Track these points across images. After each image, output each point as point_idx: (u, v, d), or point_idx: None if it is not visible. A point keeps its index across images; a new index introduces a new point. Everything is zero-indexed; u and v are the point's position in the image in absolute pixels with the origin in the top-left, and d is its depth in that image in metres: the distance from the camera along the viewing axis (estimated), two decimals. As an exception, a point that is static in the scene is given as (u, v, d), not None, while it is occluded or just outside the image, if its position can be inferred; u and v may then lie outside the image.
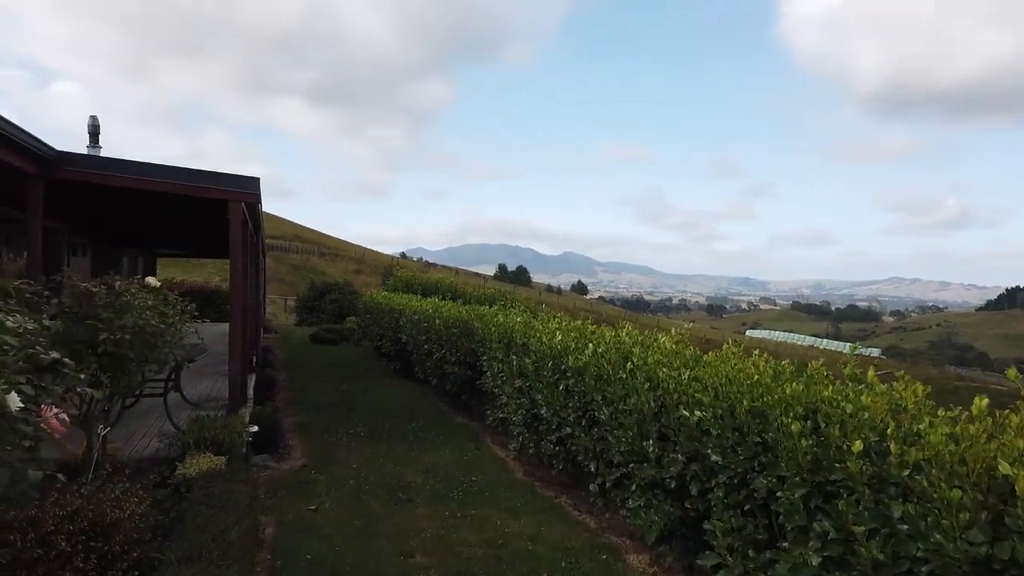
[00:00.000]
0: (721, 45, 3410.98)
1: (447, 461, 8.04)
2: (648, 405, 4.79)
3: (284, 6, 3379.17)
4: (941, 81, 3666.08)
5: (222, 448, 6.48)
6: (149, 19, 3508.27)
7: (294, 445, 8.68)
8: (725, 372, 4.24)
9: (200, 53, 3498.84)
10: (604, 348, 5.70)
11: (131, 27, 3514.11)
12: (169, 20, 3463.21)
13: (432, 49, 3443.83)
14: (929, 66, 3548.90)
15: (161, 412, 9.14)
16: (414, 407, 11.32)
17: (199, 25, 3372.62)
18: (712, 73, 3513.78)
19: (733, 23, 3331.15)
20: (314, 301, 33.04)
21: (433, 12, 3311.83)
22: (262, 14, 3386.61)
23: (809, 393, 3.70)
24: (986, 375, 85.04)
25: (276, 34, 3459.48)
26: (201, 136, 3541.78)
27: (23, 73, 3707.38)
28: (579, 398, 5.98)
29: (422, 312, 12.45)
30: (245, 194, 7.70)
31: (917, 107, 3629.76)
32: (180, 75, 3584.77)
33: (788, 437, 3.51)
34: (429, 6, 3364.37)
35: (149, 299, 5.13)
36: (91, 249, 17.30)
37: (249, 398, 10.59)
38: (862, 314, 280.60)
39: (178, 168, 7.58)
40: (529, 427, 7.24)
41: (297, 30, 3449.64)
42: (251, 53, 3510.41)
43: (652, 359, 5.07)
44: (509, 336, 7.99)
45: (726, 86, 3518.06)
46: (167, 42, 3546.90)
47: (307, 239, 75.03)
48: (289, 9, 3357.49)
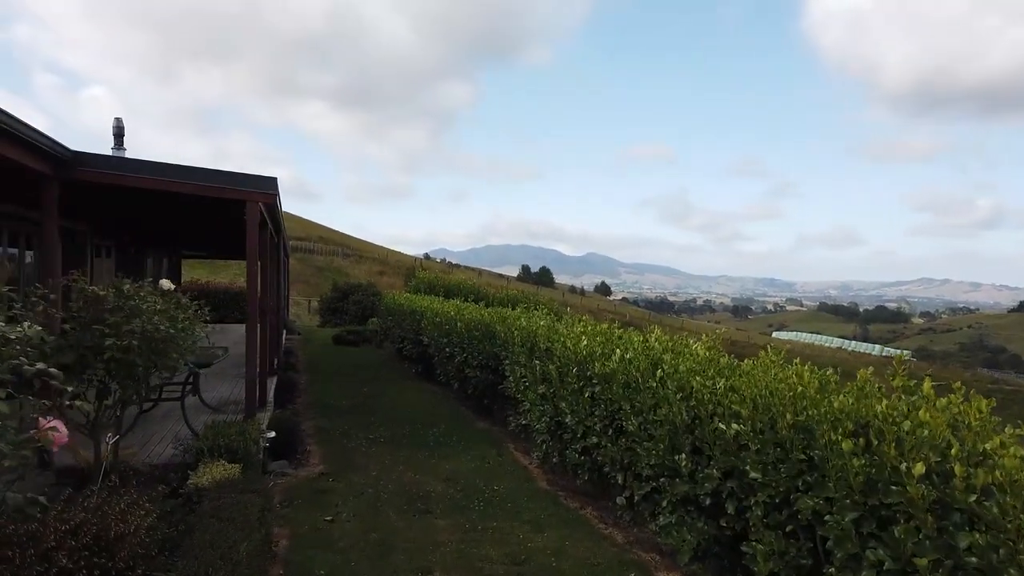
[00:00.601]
0: (745, 43, 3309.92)
1: (468, 469, 7.80)
2: (680, 416, 4.50)
3: (308, 10, 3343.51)
4: (971, 78, 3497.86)
5: (236, 456, 6.29)
6: (175, 23, 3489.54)
7: (312, 451, 8.50)
8: (765, 382, 3.94)
9: (225, 57, 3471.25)
10: (632, 354, 5.41)
11: (158, 31, 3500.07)
12: (195, 24, 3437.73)
13: (454, 50, 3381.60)
14: (959, 63, 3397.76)
15: (181, 416, 9.01)
16: (435, 411, 11.11)
17: (224, 29, 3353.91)
18: (736, 71, 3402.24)
19: (757, 21, 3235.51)
20: (337, 302, 33.04)
21: (455, 13, 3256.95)
22: (286, 17, 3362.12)
23: (860, 407, 3.40)
24: (1020, 377, 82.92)
25: (300, 37, 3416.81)
26: (226, 138, 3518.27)
27: (56, 78, 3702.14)
28: (605, 406, 5.70)
29: (443, 314, 12.24)
30: (262, 194, 7.51)
31: (946, 105, 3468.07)
32: (206, 79, 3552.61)
33: (838, 456, 3.21)
34: (451, 7, 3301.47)
35: (159, 303, 4.94)
36: (115, 251, 17.34)
37: (269, 402, 10.45)
38: (891, 315, 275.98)
39: (194, 168, 7.42)
40: (553, 435, 6.97)
41: (320, 33, 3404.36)
42: (275, 56, 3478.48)
43: (684, 367, 4.77)
44: (532, 340, 7.74)
45: (750, 84, 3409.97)
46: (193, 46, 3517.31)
47: (331, 240, 75.36)
48: (313, 12, 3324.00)
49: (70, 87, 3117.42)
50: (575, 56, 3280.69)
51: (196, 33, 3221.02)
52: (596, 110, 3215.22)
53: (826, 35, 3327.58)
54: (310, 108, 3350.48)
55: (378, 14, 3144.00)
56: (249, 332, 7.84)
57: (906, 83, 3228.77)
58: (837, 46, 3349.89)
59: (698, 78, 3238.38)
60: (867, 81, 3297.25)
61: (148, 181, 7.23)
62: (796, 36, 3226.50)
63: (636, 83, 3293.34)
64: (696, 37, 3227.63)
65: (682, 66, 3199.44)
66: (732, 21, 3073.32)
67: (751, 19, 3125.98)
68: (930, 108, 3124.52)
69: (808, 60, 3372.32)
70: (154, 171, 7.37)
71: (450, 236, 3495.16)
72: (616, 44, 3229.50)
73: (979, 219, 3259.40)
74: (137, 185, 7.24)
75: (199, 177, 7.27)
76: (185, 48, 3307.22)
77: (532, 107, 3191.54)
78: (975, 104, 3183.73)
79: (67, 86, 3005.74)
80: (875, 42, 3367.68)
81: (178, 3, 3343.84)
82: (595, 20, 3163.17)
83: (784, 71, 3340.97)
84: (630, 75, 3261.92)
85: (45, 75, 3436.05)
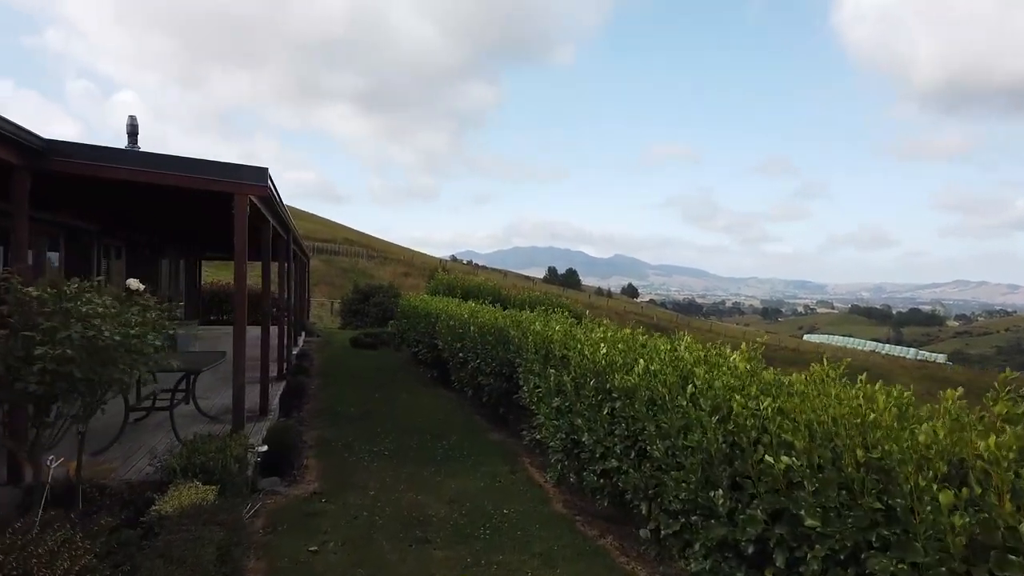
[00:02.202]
0: (771, 40, 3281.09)
1: (476, 488, 7.07)
2: (717, 444, 3.72)
3: (331, 12, 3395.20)
4: (1003, 75, 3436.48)
5: (213, 476, 5.64)
6: (200, 27, 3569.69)
7: (310, 465, 7.84)
8: (824, 405, 3.16)
9: (250, 61, 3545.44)
10: (658, 366, 4.63)
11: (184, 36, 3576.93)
12: (219, 28, 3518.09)
13: (477, 52, 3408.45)
14: (990, 60, 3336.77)
15: (181, 423, 8.45)
16: (447, 421, 10.40)
17: (248, 32, 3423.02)
18: (762, 69, 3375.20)
19: (784, 17, 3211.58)
20: (358, 304, 32.55)
21: (478, 15, 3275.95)
22: (309, 20, 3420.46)
23: (955, 442, 2.61)
24: (1063, 383, 79.79)
25: (323, 40, 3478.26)
26: (251, 142, 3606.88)
27: (87, 83, 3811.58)
28: (627, 425, 4.93)
29: (457, 317, 11.54)
30: (252, 186, 6.87)
31: (978, 102, 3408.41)
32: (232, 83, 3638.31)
33: (934, 509, 2.43)
34: (474, 9, 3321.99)
35: (113, 306, 4.29)
36: (127, 252, 16.90)
37: (273, 409, 9.84)
38: (925, 318, 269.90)
39: (178, 158, 6.81)
40: (568, 454, 6.21)
41: (344, 36, 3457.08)
42: (299, 59, 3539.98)
43: (720, 382, 3.99)
44: (547, 346, 6.99)
45: (775, 82, 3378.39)
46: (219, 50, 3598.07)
47: (356, 242, 75.28)
48: (336, 15, 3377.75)
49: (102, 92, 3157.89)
50: (598, 56, 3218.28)
51: (221, 37, 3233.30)
52: (619, 109, 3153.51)
53: (854, 32, 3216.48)
54: (335, 111, 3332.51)
55: (401, 16, 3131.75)
56: (236, 336, 7.19)
57: (935, 80, 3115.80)
58: (865, 43, 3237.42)
59: (722, 76, 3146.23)
60: (897, 78, 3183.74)
61: (126, 172, 6.62)
62: (823, 33, 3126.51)
63: (659, 82, 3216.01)
64: (720, 35, 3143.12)
65: (706, 64, 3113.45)
66: (757, 18, 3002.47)
67: (777, 16, 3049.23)
68: (960, 105, 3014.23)
69: (835, 57, 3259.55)
70: (134, 162, 6.77)
71: (475, 238, 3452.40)
72: (639, 43, 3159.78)
73: (1016, 219, 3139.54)
74: (114, 177, 6.63)
75: (182, 168, 6.65)
76: (211, 52, 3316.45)
77: (555, 108, 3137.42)
78: (1005, 101, 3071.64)
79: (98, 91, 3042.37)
80: (903, 39, 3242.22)
81: (203, 6, 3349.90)
82: (617, 19, 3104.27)
83: (810, 68, 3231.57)
84: (653, 74, 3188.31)
85: (77, 80, 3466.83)
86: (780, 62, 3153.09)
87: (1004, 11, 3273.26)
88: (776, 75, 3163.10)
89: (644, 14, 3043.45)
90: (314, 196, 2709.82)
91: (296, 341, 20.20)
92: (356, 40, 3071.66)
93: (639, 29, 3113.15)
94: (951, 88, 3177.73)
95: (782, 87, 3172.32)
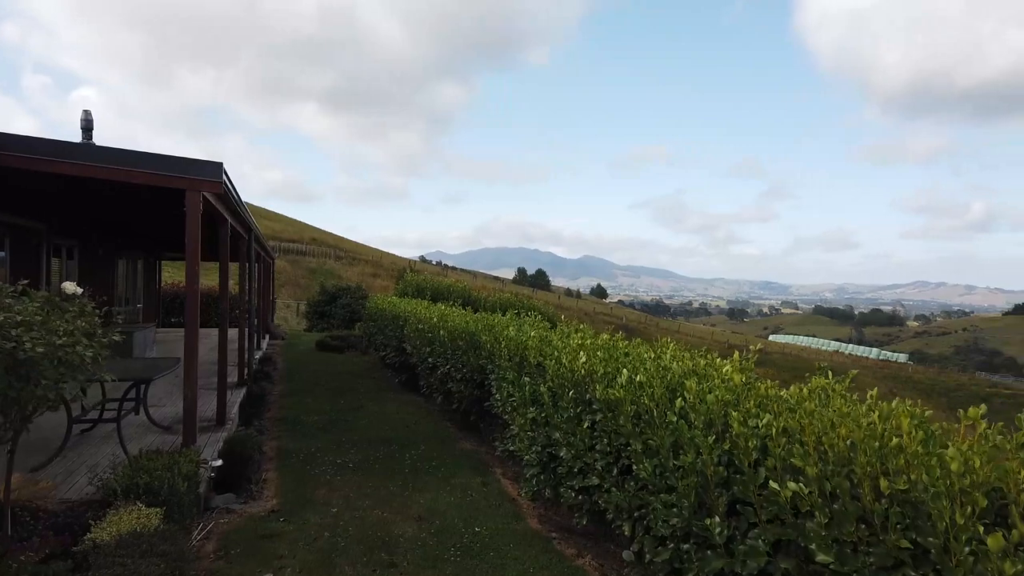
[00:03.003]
0: (741, 44, 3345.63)
1: (446, 503, 6.67)
2: (712, 466, 3.38)
3: (303, 10, 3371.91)
4: (966, 81, 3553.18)
5: (159, 497, 5.16)
6: (165, 24, 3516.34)
7: (269, 479, 7.37)
8: (839, 424, 2.83)
9: (218, 58, 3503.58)
10: (643, 376, 4.28)
11: (149, 32, 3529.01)
12: (186, 25, 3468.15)
13: (449, 52, 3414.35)
14: (954, 66, 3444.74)
15: (132, 434, 7.95)
16: (415, 429, 9.97)
17: (216, 30, 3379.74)
18: (732, 73, 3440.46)
19: (754, 21, 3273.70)
20: (325, 306, 31.86)
21: (450, 14, 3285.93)
22: (279, 18, 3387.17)
23: (993, 472, 2.30)
24: (1018, 381, 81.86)
25: (295, 38, 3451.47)
26: (220, 140, 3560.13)
27: (46, 79, 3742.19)
28: (609, 440, 4.58)
29: (426, 320, 11.11)
30: (205, 182, 6.38)
31: (941, 108, 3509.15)
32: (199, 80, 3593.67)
33: (978, 553, 2.11)
34: (446, 8, 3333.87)
35: (29, 313, 3.80)
36: (80, 252, 16.12)
37: (231, 419, 9.33)
38: (886, 319, 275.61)
39: (127, 151, 6.30)
40: (545, 468, 5.84)
41: (314, 34, 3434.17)
42: (268, 57, 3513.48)
43: (714, 396, 3.65)
44: (521, 353, 6.62)
45: (747, 86, 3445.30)
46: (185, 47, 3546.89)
47: (324, 242, 74.04)
48: (306, 12, 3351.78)
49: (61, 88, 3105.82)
50: (571, 58, 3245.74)
51: (189, 34, 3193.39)
52: (594, 111, 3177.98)
53: (822, 35, 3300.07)
54: (304, 109, 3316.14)
55: (372, 15, 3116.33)
56: (188, 340, 6.70)
57: (901, 85, 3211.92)
58: (834, 47, 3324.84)
59: (695, 79, 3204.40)
60: (863, 82, 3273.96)
61: (68, 167, 6.11)
62: (794, 36, 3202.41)
63: (632, 85, 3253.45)
64: (692, 39, 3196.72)
65: (678, 67, 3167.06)
66: (728, 22, 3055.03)
67: (748, 19, 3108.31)
68: (925, 110, 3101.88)
69: (805, 61, 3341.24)
70: (78, 155, 6.25)
71: (446, 239, 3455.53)
72: (612, 45, 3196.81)
73: (974, 222, 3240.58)
74: (56, 171, 6.11)
75: (130, 163, 6.15)
76: (177, 49, 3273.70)
77: (528, 109, 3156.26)
78: (970, 107, 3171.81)
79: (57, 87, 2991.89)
80: (871, 43, 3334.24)
81: (168, 3, 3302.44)
82: (591, 21, 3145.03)
83: (782, 72, 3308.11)
84: (626, 77, 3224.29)
85: (35, 76, 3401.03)
86: (752, 65, 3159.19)
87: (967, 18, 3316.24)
88: (749, 78, 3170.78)
89: (617, 16, 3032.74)
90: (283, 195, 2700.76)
91: (259, 344, 19.56)
92: (327, 38, 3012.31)
93: (613, 31, 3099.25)
94: (917, 93, 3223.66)
95: (755, 90, 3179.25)
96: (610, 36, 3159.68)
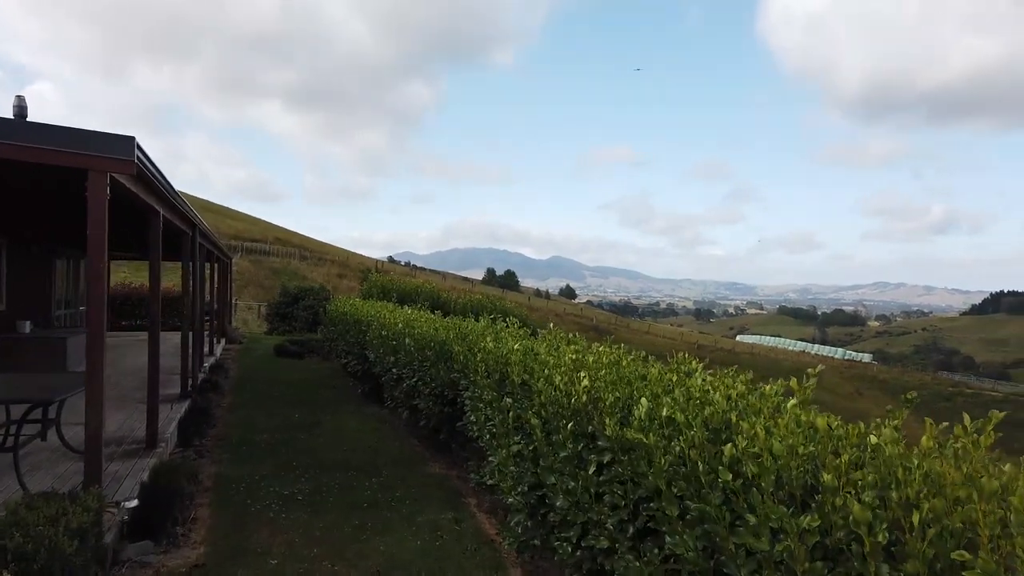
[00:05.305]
0: (706, 46, 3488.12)
1: (411, 550, 5.53)
2: (803, 562, 2.30)
3: (265, 6, 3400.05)
4: (925, 85, 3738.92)
5: (34, 564, 3.96)
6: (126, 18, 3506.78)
7: (201, 518, 6.16)
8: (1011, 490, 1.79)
9: (178, 53, 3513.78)
10: (676, 411, 3.20)
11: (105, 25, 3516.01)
12: (147, 20, 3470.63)
13: (415, 51, 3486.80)
14: (913, 69, 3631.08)
15: (44, 460, 6.74)
16: (377, 449, 8.81)
17: (178, 25, 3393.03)
18: (697, 74, 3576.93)
19: (718, 24, 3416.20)
20: (287, 308, 30.40)
21: (417, 14, 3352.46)
22: (241, 12, 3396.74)
23: None
24: (980, 380, 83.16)
25: (257, 33, 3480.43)
26: (181, 138, 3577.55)
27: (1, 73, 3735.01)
28: (627, 491, 3.50)
29: (391, 326, 9.95)
30: (113, 161, 5.16)
31: (901, 111, 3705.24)
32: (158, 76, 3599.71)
33: None
34: (412, 8, 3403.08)
35: None
36: (8, 249, 14.58)
37: (166, 439, 8.08)
38: (848, 319, 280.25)
39: (8, 121, 5.07)
40: (533, 513, 4.74)
41: (278, 30, 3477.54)
42: (231, 54, 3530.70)
43: (779, 443, 2.58)
44: (502, 370, 5.52)
45: (712, 87, 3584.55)
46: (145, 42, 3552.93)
47: (288, 242, 71.87)
48: (270, 9, 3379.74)
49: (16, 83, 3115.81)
50: (537, 59, 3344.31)
51: (146, 27, 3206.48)
52: (560, 113, 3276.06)
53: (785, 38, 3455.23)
54: (269, 107, 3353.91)
55: (337, 12, 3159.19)
56: (90, 355, 5.47)
57: (862, 88, 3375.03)
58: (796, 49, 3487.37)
59: (660, 81, 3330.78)
60: (825, 85, 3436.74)
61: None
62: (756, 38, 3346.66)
63: (599, 86, 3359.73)
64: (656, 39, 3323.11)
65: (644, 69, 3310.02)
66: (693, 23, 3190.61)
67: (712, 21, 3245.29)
68: (886, 113, 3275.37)
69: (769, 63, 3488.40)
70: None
71: (415, 239, 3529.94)
72: (577, 47, 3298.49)
73: (932, 224, 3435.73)
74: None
75: (5, 135, 4.90)
76: (134, 43, 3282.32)
77: (496, 110, 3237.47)
78: (930, 110, 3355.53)
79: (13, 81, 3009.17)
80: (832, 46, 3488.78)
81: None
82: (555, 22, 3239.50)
83: (746, 74, 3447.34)
84: (593, 78, 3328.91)
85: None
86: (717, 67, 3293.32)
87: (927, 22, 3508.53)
88: (713, 80, 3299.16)
89: (581, 16, 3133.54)
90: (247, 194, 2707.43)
91: (213, 350, 18.16)
92: (291, 35, 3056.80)
93: (577, 31, 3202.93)
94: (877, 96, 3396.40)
95: (721, 91, 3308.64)
96: (574, 37, 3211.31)
